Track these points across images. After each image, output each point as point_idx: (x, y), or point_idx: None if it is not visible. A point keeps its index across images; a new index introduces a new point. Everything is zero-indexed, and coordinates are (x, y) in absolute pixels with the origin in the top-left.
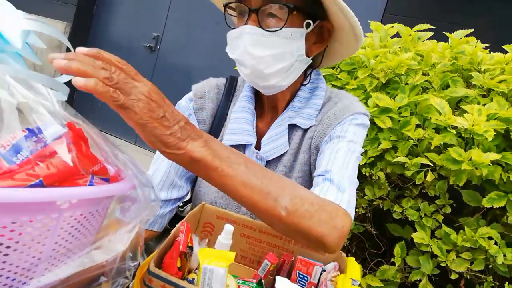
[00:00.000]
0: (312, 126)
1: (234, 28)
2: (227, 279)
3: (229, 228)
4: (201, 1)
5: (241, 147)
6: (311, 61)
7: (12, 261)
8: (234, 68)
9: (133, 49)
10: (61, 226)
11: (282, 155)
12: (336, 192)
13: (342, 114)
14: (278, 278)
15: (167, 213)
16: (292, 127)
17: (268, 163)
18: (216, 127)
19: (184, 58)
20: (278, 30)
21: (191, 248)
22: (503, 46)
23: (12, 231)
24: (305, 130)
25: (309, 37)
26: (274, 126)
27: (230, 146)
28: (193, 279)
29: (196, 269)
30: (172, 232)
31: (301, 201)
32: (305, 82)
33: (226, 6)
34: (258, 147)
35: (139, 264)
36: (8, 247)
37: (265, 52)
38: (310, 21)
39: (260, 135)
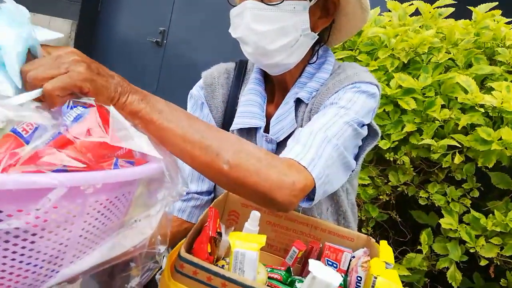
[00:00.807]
0: (312, 98)
1: (235, 6)
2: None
3: (256, 214)
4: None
5: (251, 130)
6: (317, 36)
7: (40, 249)
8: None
9: (139, 45)
10: (87, 212)
11: (291, 134)
12: (300, 149)
13: (340, 84)
14: (311, 261)
15: (203, 205)
16: (298, 103)
17: (279, 145)
18: (229, 113)
19: (191, 52)
20: (280, 3)
21: (219, 234)
22: None
23: (37, 217)
24: (307, 104)
25: (314, 11)
26: (282, 105)
27: (239, 129)
28: (223, 266)
29: (223, 257)
30: (200, 218)
31: (246, 156)
32: (313, 60)
33: None
34: (268, 129)
35: (168, 248)
36: (34, 234)
37: (267, 26)
38: None
39: (270, 117)
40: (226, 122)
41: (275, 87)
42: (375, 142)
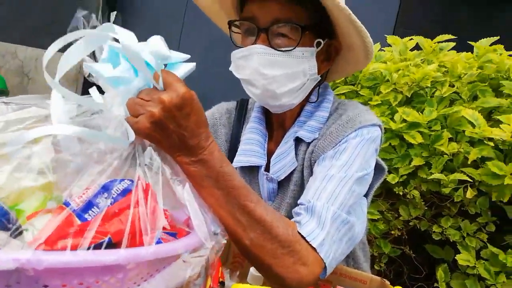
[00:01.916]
0: (314, 139)
1: (240, 47)
2: None
3: None
4: (212, 28)
5: (252, 169)
6: (320, 78)
7: None
8: None
9: None
10: (128, 286)
11: (292, 172)
12: (315, 227)
13: (344, 130)
14: None
15: None
16: (298, 141)
17: (281, 183)
18: (233, 151)
19: (198, 86)
20: (291, 50)
21: (222, 283)
22: None
23: None
24: (309, 144)
25: (318, 55)
26: (282, 144)
27: (240, 167)
28: None
29: None
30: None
31: (270, 238)
32: (314, 100)
33: (231, 23)
34: (269, 167)
35: None
36: None
37: (278, 71)
38: (321, 40)
39: (270, 155)
40: (231, 161)
41: (274, 125)
42: (382, 178)
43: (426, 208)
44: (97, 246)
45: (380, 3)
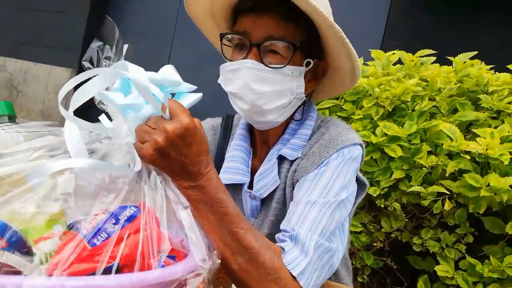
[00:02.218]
0: (297, 158)
1: (230, 60)
2: None
3: None
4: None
5: (236, 186)
6: (305, 98)
7: None
8: None
9: None
10: None
11: (275, 190)
12: (297, 255)
13: (326, 151)
14: None
15: None
16: (282, 159)
17: (264, 201)
18: (217, 169)
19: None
20: (282, 67)
21: None
22: (508, 66)
23: None
24: (292, 162)
25: (305, 75)
26: (265, 162)
27: (225, 185)
28: None
29: None
30: None
31: (257, 265)
32: (299, 118)
33: (222, 37)
34: (252, 185)
35: None
36: None
37: (267, 88)
38: (310, 60)
39: (255, 172)
40: None
41: (258, 142)
42: (364, 194)
43: (407, 220)
44: (107, 270)
45: (368, 16)
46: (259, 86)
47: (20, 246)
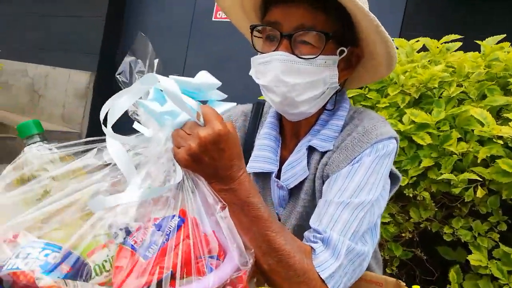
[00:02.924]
0: (329, 150)
1: (260, 52)
2: None
3: None
4: (220, 39)
5: (263, 175)
6: (339, 87)
7: None
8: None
9: None
10: None
11: (304, 181)
12: (328, 257)
13: (359, 145)
14: None
15: None
16: (311, 150)
17: (291, 191)
18: (246, 157)
19: None
20: (314, 58)
21: None
22: None
23: None
24: (323, 154)
25: (339, 63)
26: (295, 152)
27: (253, 173)
28: None
29: None
30: None
31: (287, 266)
32: (330, 108)
33: (253, 28)
34: (281, 174)
35: None
36: None
37: (299, 79)
38: (344, 49)
39: (284, 162)
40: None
41: (288, 132)
42: (397, 187)
43: (436, 209)
44: (161, 281)
45: (385, 6)
46: (291, 78)
47: (79, 266)
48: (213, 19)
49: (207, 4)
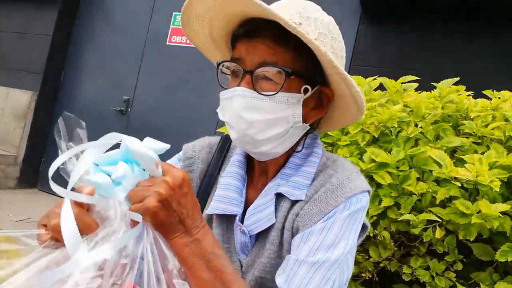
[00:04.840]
0: (300, 200)
1: (226, 89)
2: None
3: None
4: (171, 61)
5: (227, 217)
6: (309, 127)
7: None
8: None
9: (103, 114)
10: None
11: (270, 229)
12: None
13: (334, 199)
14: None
15: None
16: (280, 197)
17: (257, 238)
18: (203, 191)
19: (156, 120)
20: (274, 94)
21: None
22: (483, 92)
23: None
24: (293, 203)
25: (308, 102)
26: (262, 196)
27: (215, 214)
28: None
29: None
30: None
31: None
32: (299, 149)
33: (219, 64)
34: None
35: None
36: None
37: (257, 116)
38: (309, 87)
39: (250, 204)
40: (199, 199)
41: (256, 171)
42: (364, 236)
43: (395, 248)
44: None
45: None
46: (250, 115)
47: None
48: (167, 43)
49: (162, 28)
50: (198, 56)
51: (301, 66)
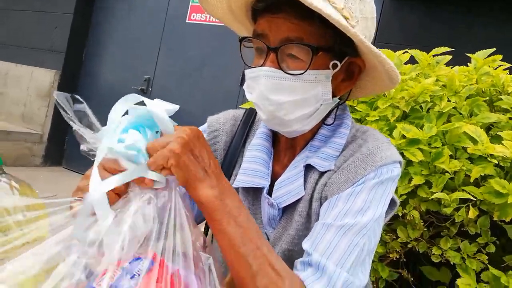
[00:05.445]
0: (329, 171)
1: (249, 66)
2: None
3: None
4: (191, 40)
5: (253, 190)
6: (339, 101)
7: None
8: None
9: (124, 93)
10: None
11: (298, 201)
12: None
13: (363, 167)
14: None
15: None
16: (309, 168)
17: (284, 211)
18: (228, 163)
19: (177, 99)
20: (301, 73)
21: None
22: None
23: None
24: (322, 174)
25: (337, 76)
26: (290, 168)
27: (242, 187)
28: None
29: None
30: None
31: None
32: (329, 122)
33: (242, 40)
34: (272, 191)
35: None
36: None
37: (285, 98)
38: (337, 62)
39: (276, 177)
40: (224, 172)
41: (282, 145)
42: (393, 213)
43: (424, 229)
44: None
45: None
46: (277, 96)
47: None
48: (187, 20)
49: (181, 6)
50: (218, 33)
51: (328, 40)
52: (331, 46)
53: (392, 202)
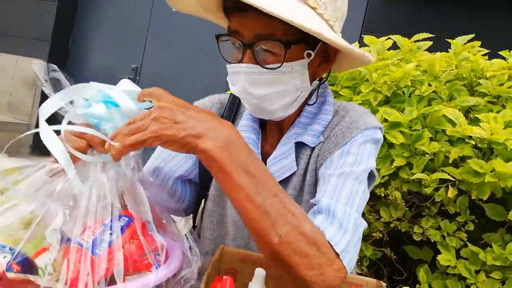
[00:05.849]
0: (319, 143)
1: (228, 61)
2: None
3: (260, 273)
4: (179, 27)
5: None
6: (318, 82)
7: None
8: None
9: (111, 82)
10: None
11: (291, 176)
12: (336, 231)
13: (350, 132)
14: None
15: None
16: (300, 145)
17: None
18: None
19: (165, 87)
20: (278, 67)
21: None
22: (499, 53)
23: None
24: (313, 149)
25: (313, 62)
26: (280, 145)
27: None
28: None
29: None
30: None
31: (299, 236)
32: (312, 101)
33: (218, 38)
34: None
35: None
36: None
37: (266, 90)
38: (311, 51)
39: (265, 157)
40: None
41: (270, 126)
42: (372, 187)
43: (406, 209)
44: (113, 276)
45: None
46: (259, 90)
47: (27, 264)
48: (173, 9)
49: None
50: (206, 21)
51: (298, 34)
52: (302, 38)
53: (371, 175)
